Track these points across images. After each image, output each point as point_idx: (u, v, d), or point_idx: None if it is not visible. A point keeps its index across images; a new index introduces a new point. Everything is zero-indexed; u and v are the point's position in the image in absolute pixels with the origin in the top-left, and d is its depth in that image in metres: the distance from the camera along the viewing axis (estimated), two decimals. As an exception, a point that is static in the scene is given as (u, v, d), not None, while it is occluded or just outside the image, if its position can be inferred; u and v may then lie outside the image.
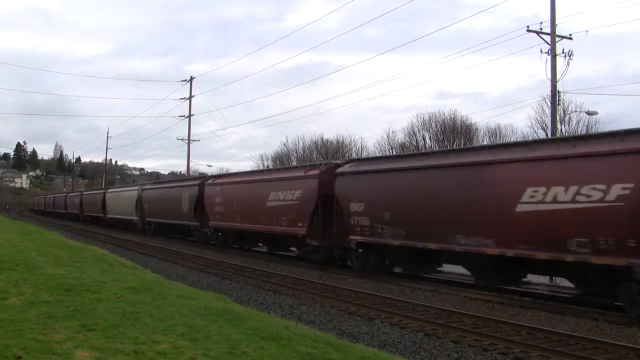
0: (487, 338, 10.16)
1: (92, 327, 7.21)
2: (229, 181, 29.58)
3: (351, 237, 19.50)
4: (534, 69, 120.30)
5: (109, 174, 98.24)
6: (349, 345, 8.03)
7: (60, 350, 6.06)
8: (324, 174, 21.30)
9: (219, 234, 29.94)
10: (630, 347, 9.46)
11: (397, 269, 19.96)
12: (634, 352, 9.20)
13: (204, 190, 31.13)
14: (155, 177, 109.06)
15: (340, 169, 20.81)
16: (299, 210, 22.03)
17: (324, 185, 20.98)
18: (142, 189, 42.70)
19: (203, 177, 34.78)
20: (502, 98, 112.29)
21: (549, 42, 24.52)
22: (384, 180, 18.38)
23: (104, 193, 53.24)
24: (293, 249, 25.80)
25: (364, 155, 61.19)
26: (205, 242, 31.84)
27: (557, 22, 24.44)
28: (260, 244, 28.64)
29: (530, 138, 42.85)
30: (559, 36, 24.67)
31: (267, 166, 69.87)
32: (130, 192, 45.75)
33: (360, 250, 19.55)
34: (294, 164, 63.76)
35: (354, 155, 62.61)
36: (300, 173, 23.18)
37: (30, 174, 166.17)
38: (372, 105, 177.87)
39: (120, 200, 48.04)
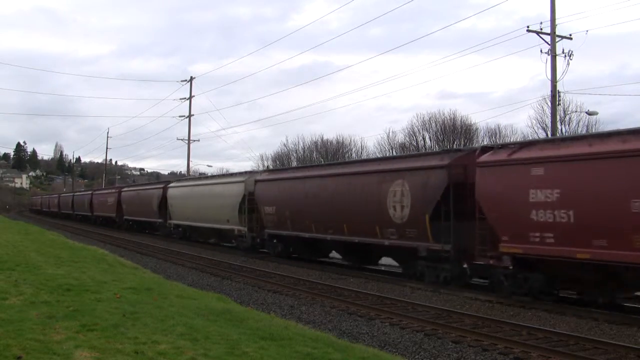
0: (487, 338, 10.16)
1: (92, 327, 7.22)
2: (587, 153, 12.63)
3: None
4: (536, 69, 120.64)
5: (109, 174, 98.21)
6: (349, 346, 8.03)
7: (60, 350, 6.06)
8: None
9: (516, 267, 13.96)
10: (630, 347, 9.45)
11: None
12: (634, 352, 9.19)
13: (479, 179, 14.50)
14: (155, 177, 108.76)
15: None
16: None
17: None
18: (256, 181, 25.81)
19: (455, 151, 17.27)
20: (505, 98, 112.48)
21: (549, 42, 24.54)
22: None
23: (164, 189, 37.89)
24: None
25: (364, 156, 60.74)
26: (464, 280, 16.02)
27: (558, 22, 24.51)
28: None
29: (530, 138, 43.08)
30: (558, 36, 24.70)
31: (268, 166, 68.98)
32: (226, 187, 28.62)
33: None
34: (294, 164, 63.11)
35: (354, 156, 62.10)
36: None
37: (30, 174, 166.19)
38: (375, 106, 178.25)
39: (199, 199, 31.41)
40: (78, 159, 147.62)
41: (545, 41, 24.57)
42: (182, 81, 50.19)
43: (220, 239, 30.97)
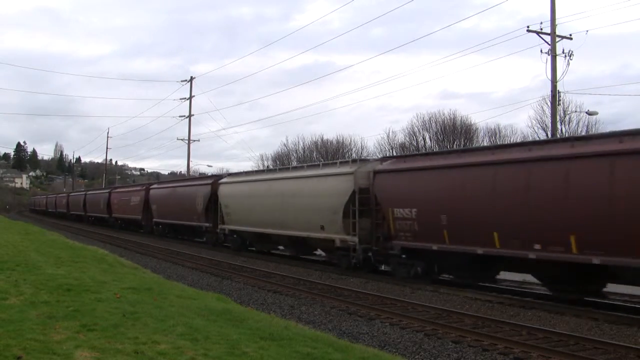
0: (487, 338, 10.16)
1: (92, 327, 7.22)
2: None
3: None
4: (538, 69, 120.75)
5: (109, 174, 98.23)
6: (349, 346, 8.03)
7: (60, 351, 6.06)
8: None
9: None
10: (630, 347, 9.46)
11: None
12: (634, 352, 9.20)
13: None
14: (155, 177, 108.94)
15: None
16: None
17: None
18: (375, 172, 18.45)
19: None
20: (507, 98, 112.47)
21: (549, 42, 24.56)
22: None
23: (212, 185, 29.72)
24: None
25: (364, 156, 60.69)
26: None
27: (558, 22, 24.54)
28: None
29: (531, 139, 43.12)
30: (559, 36, 24.73)
31: (267, 166, 68.88)
32: (324, 182, 20.55)
33: None
34: (294, 164, 63.10)
35: (354, 156, 62.10)
36: None
37: (30, 174, 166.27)
38: (376, 105, 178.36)
39: (274, 199, 23.21)
40: (78, 159, 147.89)
41: (546, 41, 24.60)
42: (182, 81, 50.24)
43: (297, 251, 24.18)
